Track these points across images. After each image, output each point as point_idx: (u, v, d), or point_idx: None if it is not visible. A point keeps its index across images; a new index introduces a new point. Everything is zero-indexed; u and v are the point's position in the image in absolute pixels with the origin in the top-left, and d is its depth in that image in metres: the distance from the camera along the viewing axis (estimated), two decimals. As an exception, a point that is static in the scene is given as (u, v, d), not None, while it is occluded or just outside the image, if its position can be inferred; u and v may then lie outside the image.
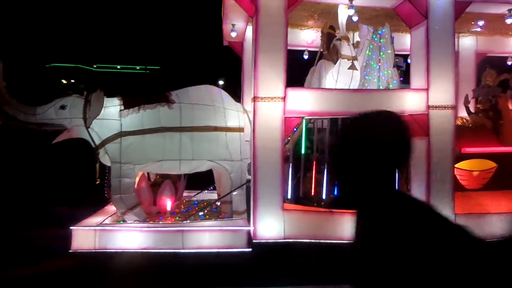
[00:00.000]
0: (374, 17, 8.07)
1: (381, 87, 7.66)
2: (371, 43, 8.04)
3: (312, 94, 6.45)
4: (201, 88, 6.92)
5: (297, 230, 6.25)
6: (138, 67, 52.70)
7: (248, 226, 6.24)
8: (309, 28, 9.10)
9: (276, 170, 6.18)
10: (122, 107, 6.32)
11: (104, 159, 6.37)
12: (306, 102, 6.31)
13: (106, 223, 6.22)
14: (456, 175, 6.88)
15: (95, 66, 54.57)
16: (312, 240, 6.24)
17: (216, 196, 7.84)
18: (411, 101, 6.47)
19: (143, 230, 6.08)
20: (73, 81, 45.78)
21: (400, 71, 7.48)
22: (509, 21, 7.03)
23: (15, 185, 10.17)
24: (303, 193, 7.01)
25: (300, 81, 8.52)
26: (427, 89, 6.45)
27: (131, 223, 6.24)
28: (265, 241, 6.15)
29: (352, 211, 1.69)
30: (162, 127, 6.34)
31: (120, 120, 6.27)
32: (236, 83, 9.69)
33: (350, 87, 7.44)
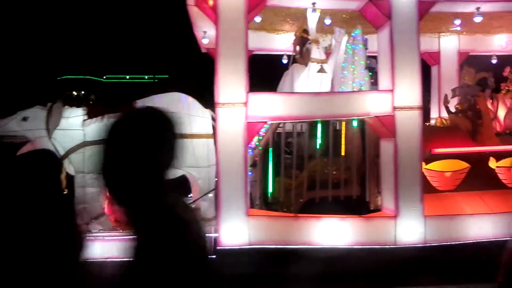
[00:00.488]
0: (348, 19, 8.01)
1: (355, 89, 7.59)
2: (347, 44, 8.00)
3: (274, 98, 6.42)
4: (167, 96, 6.95)
5: (263, 236, 6.20)
6: (146, 77, 53.18)
7: (212, 233, 6.21)
8: (285, 32, 9.08)
9: (240, 176, 6.15)
10: (86, 117, 6.36)
11: (70, 169, 6.41)
12: (268, 106, 6.28)
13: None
14: (427, 177, 6.78)
15: (104, 77, 55.29)
16: (279, 246, 6.19)
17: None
18: (376, 103, 6.40)
19: (107, 239, 6.09)
20: (84, 92, 46.56)
21: (371, 73, 7.40)
22: (477, 19, 6.92)
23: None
24: (273, 198, 6.96)
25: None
26: (392, 90, 6.37)
27: (95, 232, 6.26)
28: (230, 248, 6.12)
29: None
30: (126, 135, 6.35)
31: (83, 130, 6.31)
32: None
33: (321, 90, 7.39)
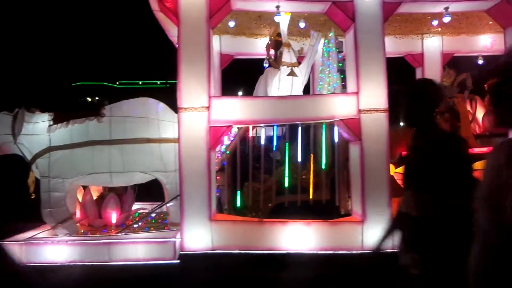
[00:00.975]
0: (326, 22, 7.98)
1: (329, 92, 7.53)
2: (323, 47, 7.97)
3: (237, 102, 6.39)
4: (136, 101, 6.99)
5: (226, 241, 6.18)
6: (158, 82, 53.69)
7: (175, 238, 6.20)
8: (265, 36, 9.06)
9: (203, 180, 6.14)
10: (51, 123, 6.44)
11: (37, 173, 6.48)
12: (231, 110, 6.27)
13: (33, 237, 6.31)
14: (397, 180, 6.66)
15: (118, 83, 56.02)
16: (242, 251, 6.16)
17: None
18: (341, 106, 6.33)
19: (70, 243, 6.14)
20: (98, 98, 47.28)
21: (342, 76, 7.32)
22: (446, 19, 6.81)
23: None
24: (242, 203, 6.92)
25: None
26: (357, 93, 6.30)
27: (61, 236, 6.31)
28: (193, 252, 6.10)
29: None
30: (91, 140, 6.42)
31: (49, 135, 6.38)
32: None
33: (292, 93, 7.36)
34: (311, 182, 6.84)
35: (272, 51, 7.89)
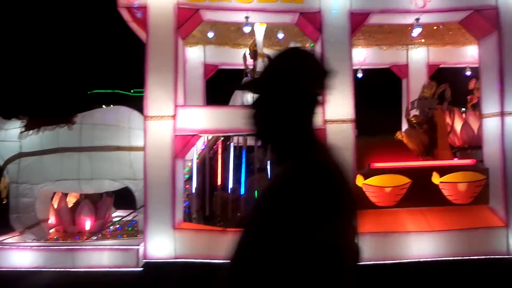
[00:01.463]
0: (303, 33, 7.99)
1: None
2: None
3: (203, 111, 6.45)
4: (109, 109, 7.11)
5: (189, 250, 6.18)
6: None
7: (138, 246, 6.23)
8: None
9: (167, 189, 6.18)
10: (23, 129, 6.57)
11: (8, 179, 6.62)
12: (197, 119, 6.31)
13: (1, 242, 6.41)
14: (366, 192, 6.60)
15: (132, 91, 56.79)
16: (205, 260, 6.15)
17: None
18: (307, 117, 6.31)
19: (35, 249, 6.22)
20: (113, 105, 48.07)
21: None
22: (416, 31, 6.76)
23: None
24: (210, 212, 6.94)
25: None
26: (323, 104, 6.27)
27: (29, 242, 6.41)
28: (156, 261, 6.13)
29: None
30: (60, 147, 6.53)
31: (20, 141, 6.52)
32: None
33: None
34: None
35: (251, 61, 7.95)
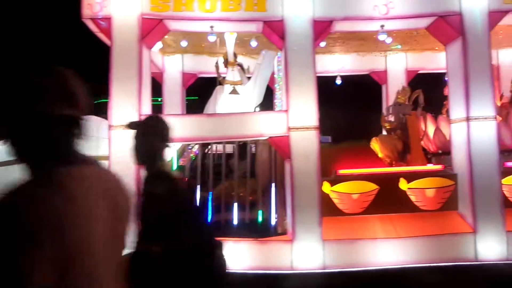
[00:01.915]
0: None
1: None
2: (279, 66, 8.03)
3: (168, 120, 6.45)
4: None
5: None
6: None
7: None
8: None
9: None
10: (-9, 140, 6.64)
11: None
12: (161, 128, 6.34)
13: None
14: (333, 199, 6.58)
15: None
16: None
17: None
18: (271, 124, 6.31)
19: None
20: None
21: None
22: (381, 37, 6.77)
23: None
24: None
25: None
26: (286, 111, 6.29)
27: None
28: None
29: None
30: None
31: None
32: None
33: (232, 112, 7.41)
34: (247, 200, 6.83)
35: (224, 69, 8.01)
